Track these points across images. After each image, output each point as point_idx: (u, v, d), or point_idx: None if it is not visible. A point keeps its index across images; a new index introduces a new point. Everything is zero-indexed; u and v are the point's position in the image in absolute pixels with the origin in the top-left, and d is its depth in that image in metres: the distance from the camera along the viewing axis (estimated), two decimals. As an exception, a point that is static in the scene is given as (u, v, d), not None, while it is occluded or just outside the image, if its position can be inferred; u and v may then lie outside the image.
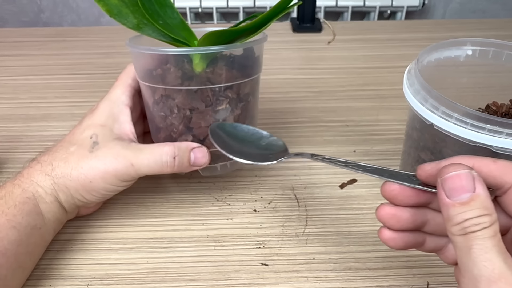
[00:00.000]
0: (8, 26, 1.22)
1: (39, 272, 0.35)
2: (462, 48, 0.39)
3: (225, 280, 0.35)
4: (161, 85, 0.36)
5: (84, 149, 0.35)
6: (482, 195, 0.22)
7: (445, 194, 0.23)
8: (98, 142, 0.35)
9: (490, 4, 1.22)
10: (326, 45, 0.71)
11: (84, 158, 0.35)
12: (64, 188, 0.35)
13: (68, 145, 0.36)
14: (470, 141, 0.30)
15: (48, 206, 0.34)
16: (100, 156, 0.35)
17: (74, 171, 0.34)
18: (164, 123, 0.38)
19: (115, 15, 0.36)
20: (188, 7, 1.12)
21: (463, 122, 0.30)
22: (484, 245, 0.21)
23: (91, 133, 0.36)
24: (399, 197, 0.27)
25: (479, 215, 0.22)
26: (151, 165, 0.35)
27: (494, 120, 0.29)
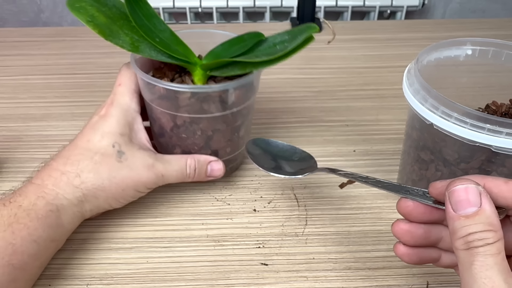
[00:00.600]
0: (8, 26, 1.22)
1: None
2: (462, 48, 0.39)
3: (225, 280, 0.35)
4: (186, 113, 0.37)
5: (111, 158, 0.35)
6: (488, 210, 0.22)
7: (451, 207, 0.23)
8: (124, 152, 0.36)
9: (490, 4, 1.22)
10: (326, 45, 0.71)
11: (114, 168, 0.35)
12: (93, 198, 0.35)
13: (91, 154, 0.35)
14: (470, 141, 0.30)
15: (70, 217, 0.34)
16: (132, 166, 0.36)
17: (106, 182, 0.35)
18: (185, 143, 0.40)
19: (109, 36, 0.36)
20: (188, 7, 1.12)
21: (463, 121, 0.30)
22: (485, 262, 0.21)
23: (112, 142, 0.36)
24: (413, 214, 0.27)
25: (483, 230, 0.22)
26: (178, 176, 0.38)
27: (494, 120, 0.29)
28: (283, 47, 0.37)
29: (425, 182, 0.37)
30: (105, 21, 0.37)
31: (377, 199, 0.42)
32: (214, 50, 0.41)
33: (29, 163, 0.46)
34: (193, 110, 0.37)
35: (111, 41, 0.36)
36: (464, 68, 0.40)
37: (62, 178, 0.34)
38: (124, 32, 0.38)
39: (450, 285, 0.34)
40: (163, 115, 0.38)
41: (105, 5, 0.38)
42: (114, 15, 0.38)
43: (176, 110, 0.37)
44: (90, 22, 0.36)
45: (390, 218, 0.40)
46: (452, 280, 0.35)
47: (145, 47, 0.38)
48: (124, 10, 0.37)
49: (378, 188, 0.29)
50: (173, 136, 0.40)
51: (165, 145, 0.41)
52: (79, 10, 0.36)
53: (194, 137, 0.39)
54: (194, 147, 0.40)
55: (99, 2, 0.38)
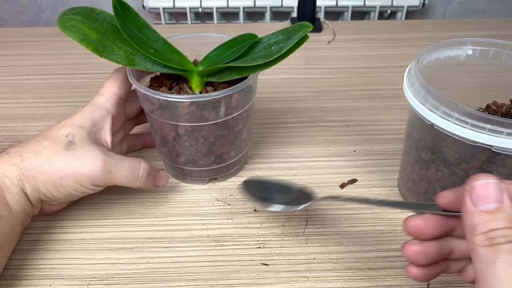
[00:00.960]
0: (8, 26, 1.22)
1: (39, 272, 0.35)
2: (462, 48, 0.39)
3: (225, 280, 0.35)
4: (187, 122, 0.37)
5: (59, 145, 0.35)
6: (510, 207, 0.22)
7: (472, 201, 0.22)
8: (75, 142, 0.35)
9: (490, 4, 1.22)
10: (326, 45, 0.71)
11: (58, 154, 0.35)
12: (32, 180, 0.34)
13: (42, 140, 0.36)
14: (471, 141, 0.30)
15: (14, 197, 0.34)
16: (77, 156, 0.35)
17: (46, 165, 0.34)
18: (188, 151, 0.40)
19: (102, 53, 0.36)
20: (188, 7, 1.12)
21: (464, 122, 0.30)
22: (510, 260, 0.20)
23: (68, 132, 0.36)
24: (424, 231, 0.26)
25: (506, 227, 0.21)
26: (127, 176, 0.37)
27: (495, 120, 0.29)
28: (278, 48, 0.37)
29: (426, 182, 0.37)
30: (98, 38, 0.37)
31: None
32: (209, 55, 0.41)
33: (29, 163, 0.46)
34: (194, 119, 0.37)
35: (105, 58, 0.36)
36: (465, 68, 0.40)
37: (4, 157, 0.35)
38: (118, 46, 0.38)
39: (450, 285, 0.34)
40: (164, 125, 0.38)
41: (95, 21, 0.38)
42: (106, 29, 0.38)
43: (177, 119, 0.37)
44: (83, 40, 0.36)
45: (391, 218, 0.40)
46: (453, 280, 0.35)
47: (140, 60, 0.38)
48: (116, 24, 0.37)
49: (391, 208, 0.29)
50: (176, 145, 0.40)
51: (168, 154, 0.42)
52: (70, 29, 0.37)
53: (197, 144, 0.39)
54: (198, 154, 0.40)
55: (89, 18, 0.38)
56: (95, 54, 0.36)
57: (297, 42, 0.36)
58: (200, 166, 0.41)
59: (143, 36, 0.38)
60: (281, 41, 0.38)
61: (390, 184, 0.43)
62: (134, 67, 0.37)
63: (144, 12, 1.19)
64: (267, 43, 0.39)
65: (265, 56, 0.37)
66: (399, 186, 0.43)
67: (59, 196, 0.36)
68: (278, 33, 0.39)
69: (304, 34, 0.36)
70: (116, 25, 0.37)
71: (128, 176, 0.37)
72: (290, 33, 0.38)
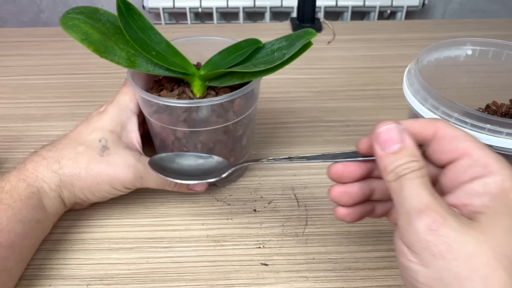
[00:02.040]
0: (8, 26, 1.22)
1: (39, 272, 0.35)
2: (462, 48, 0.39)
3: (225, 280, 0.35)
4: (186, 127, 0.37)
5: (94, 151, 0.36)
6: (410, 144, 0.25)
7: (380, 147, 0.26)
8: (108, 148, 0.36)
9: (490, 4, 1.22)
10: (326, 45, 0.71)
11: (94, 161, 0.36)
12: (70, 186, 0.36)
13: (76, 145, 0.37)
14: None
15: (51, 201, 0.35)
16: (112, 162, 0.36)
17: (83, 172, 0.35)
18: None
19: (104, 53, 0.36)
20: (188, 7, 1.12)
21: (463, 122, 0.30)
22: (413, 183, 0.24)
23: (100, 137, 0.37)
24: (345, 174, 0.29)
25: (408, 161, 0.24)
26: (157, 182, 0.38)
27: (494, 120, 0.29)
28: (281, 54, 0.37)
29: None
30: (100, 38, 0.36)
31: (377, 199, 0.42)
32: (212, 59, 0.41)
33: (29, 163, 0.46)
34: (192, 124, 0.36)
35: (106, 58, 0.36)
36: (464, 68, 0.40)
37: (42, 163, 0.35)
38: (120, 47, 0.37)
39: (450, 285, 0.34)
40: (163, 129, 0.38)
41: (98, 21, 0.38)
42: (109, 30, 0.38)
43: (175, 124, 0.37)
44: (84, 40, 0.36)
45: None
46: (452, 280, 0.34)
47: (141, 61, 0.38)
48: (119, 24, 0.37)
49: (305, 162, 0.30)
50: (174, 149, 0.39)
51: None
52: (72, 28, 0.36)
53: (196, 149, 0.39)
54: None
55: (92, 18, 0.37)
56: (96, 55, 0.36)
57: (300, 48, 0.35)
58: None
59: (146, 37, 0.38)
60: (285, 47, 0.38)
61: (390, 184, 0.43)
62: (135, 69, 0.37)
63: (144, 12, 1.19)
64: (270, 49, 0.39)
65: (267, 62, 0.36)
66: (399, 186, 0.43)
67: (94, 199, 0.37)
68: (282, 39, 0.39)
69: (307, 41, 0.35)
70: (120, 26, 0.37)
71: (158, 182, 0.38)
72: (293, 39, 0.38)
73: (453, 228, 0.22)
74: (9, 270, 0.31)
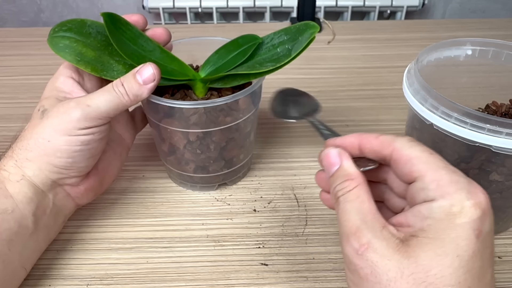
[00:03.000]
0: (8, 26, 1.22)
1: (39, 272, 0.35)
2: (462, 48, 0.39)
3: (225, 280, 0.35)
4: (198, 128, 0.36)
5: (35, 120, 0.34)
6: (345, 165, 0.26)
7: (326, 171, 0.27)
8: (47, 109, 0.34)
9: (490, 4, 1.22)
10: (326, 45, 0.71)
11: (36, 125, 0.33)
12: (27, 162, 0.33)
13: (26, 133, 0.34)
14: (470, 141, 0.30)
15: (16, 186, 0.32)
16: (52, 115, 0.33)
17: (31, 141, 0.33)
18: (199, 158, 0.39)
19: (102, 72, 0.35)
20: (188, 7, 1.12)
21: (463, 122, 0.30)
22: (345, 207, 0.25)
23: (38, 107, 0.35)
24: None
25: (342, 182, 0.26)
26: (109, 100, 0.33)
27: (494, 120, 0.29)
28: (285, 51, 0.36)
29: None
30: (94, 55, 0.35)
31: (377, 199, 0.42)
32: (210, 59, 0.40)
33: (29, 163, 0.46)
34: (205, 125, 0.36)
35: (106, 76, 0.35)
36: (464, 68, 0.40)
37: (6, 155, 0.34)
38: (115, 59, 0.36)
39: (450, 285, 0.34)
40: (174, 134, 0.37)
41: (89, 36, 0.36)
42: (101, 43, 0.36)
43: (187, 126, 0.36)
44: (80, 62, 0.34)
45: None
46: (452, 280, 0.34)
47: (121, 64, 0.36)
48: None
49: None
50: (185, 153, 0.39)
51: (176, 162, 0.41)
52: (64, 50, 0.34)
53: (209, 150, 0.38)
54: (209, 160, 0.39)
55: (82, 34, 0.35)
56: (94, 74, 0.35)
57: (306, 44, 0.35)
58: (210, 172, 0.41)
59: (139, 48, 0.36)
60: (286, 42, 0.37)
61: (390, 184, 0.43)
62: None
63: (144, 12, 1.19)
64: (271, 44, 0.38)
65: (272, 60, 0.36)
66: (399, 186, 0.43)
67: (61, 163, 0.33)
68: (280, 32, 0.38)
69: (312, 36, 0.35)
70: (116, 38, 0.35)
71: (108, 99, 0.33)
72: (294, 33, 0.37)
73: (377, 253, 0.22)
74: None
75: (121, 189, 0.43)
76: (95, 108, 0.33)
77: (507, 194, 0.34)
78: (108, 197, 0.42)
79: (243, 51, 0.38)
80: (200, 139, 0.37)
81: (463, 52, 0.39)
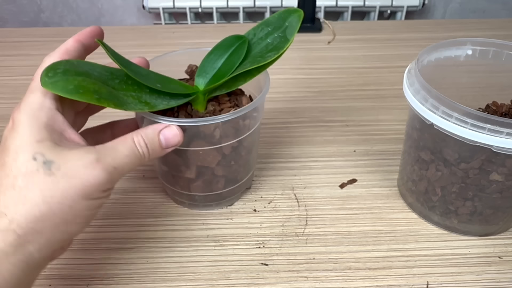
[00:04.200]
0: (8, 26, 1.22)
1: (39, 272, 0.35)
2: (462, 48, 0.39)
3: (225, 280, 0.35)
4: (233, 139, 0.35)
5: (37, 175, 0.27)
6: None
7: None
8: (52, 160, 0.27)
9: (490, 4, 1.22)
10: (326, 45, 0.71)
11: (46, 185, 0.26)
12: (36, 235, 0.26)
13: (11, 180, 0.27)
14: (470, 141, 0.30)
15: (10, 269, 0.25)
16: (70, 173, 0.27)
17: (43, 207, 0.26)
18: (231, 170, 0.38)
19: (122, 106, 0.30)
20: (188, 7, 1.12)
21: (463, 121, 0.30)
22: None
23: (31, 154, 0.27)
24: None
25: None
26: (132, 162, 0.30)
27: (494, 120, 0.29)
28: (276, 38, 0.36)
29: (425, 182, 0.37)
30: (107, 91, 0.30)
31: (377, 199, 0.42)
32: (202, 70, 0.37)
33: (29, 163, 0.46)
34: (239, 133, 0.35)
35: (127, 109, 0.30)
36: (465, 68, 0.40)
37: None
38: (122, 93, 0.32)
39: (450, 285, 0.34)
40: (207, 154, 0.35)
41: (89, 74, 0.31)
42: (103, 79, 0.31)
43: (220, 141, 0.34)
44: (100, 99, 0.29)
45: (390, 218, 0.40)
46: (453, 280, 0.35)
47: (152, 99, 0.33)
48: (104, 71, 0.32)
49: None
50: (219, 170, 0.37)
51: (206, 184, 0.38)
52: (78, 91, 0.28)
53: (241, 158, 0.37)
54: (240, 168, 0.38)
55: (82, 73, 0.30)
56: (117, 109, 0.30)
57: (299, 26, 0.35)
58: (239, 180, 0.40)
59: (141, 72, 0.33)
60: (273, 32, 0.36)
61: (390, 184, 0.43)
62: (156, 108, 0.32)
63: (144, 12, 1.19)
64: (258, 38, 0.37)
65: (269, 50, 0.35)
66: (399, 186, 0.43)
67: (78, 228, 0.29)
68: (261, 26, 0.37)
69: (300, 18, 0.35)
70: (107, 72, 0.32)
71: (132, 161, 0.30)
72: (277, 21, 0.36)
73: None
74: None
75: (121, 189, 0.43)
76: (120, 170, 0.29)
77: (507, 194, 0.34)
78: (108, 197, 0.42)
79: (236, 52, 0.37)
80: (234, 149, 0.36)
81: (464, 52, 0.39)
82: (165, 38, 0.73)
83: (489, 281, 0.35)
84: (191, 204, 0.41)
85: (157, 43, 0.71)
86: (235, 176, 0.39)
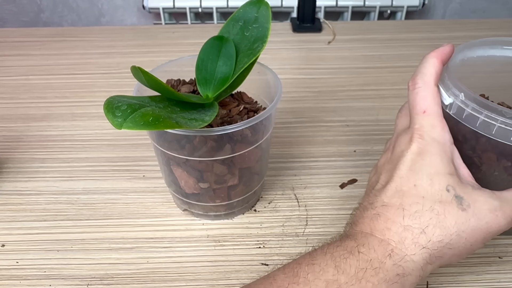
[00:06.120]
0: (8, 26, 1.22)
1: (39, 272, 0.35)
2: (504, 48, 0.38)
3: (225, 280, 0.35)
4: (267, 134, 0.37)
5: (451, 206, 0.29)
6: None
7: None
8: (462, 197, 0.30)
9: (490, 4, 1.22)
10: (326, 45, 0.71)
11: (460, 219, 0.29)
12: (438, 258, 0.29)
13: (428, 203, 0.30)
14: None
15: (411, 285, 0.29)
16: (478, 214, 0.29)
17: (454, 237, 0.29)
18: (264, 163, 0.39)
19: (187, 126, 0.30)
20: (188, 7, 1.12)
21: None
22: None
23: (445, 185, 0.30)
24: None
25: None
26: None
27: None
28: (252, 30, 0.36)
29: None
30: (167, 115, 0.30)
31: (377, 199, 0.42)
32: (200, 78, 0.36)
33: (29, 163, 0.46)
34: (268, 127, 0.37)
35: (189, 127, 0.30)
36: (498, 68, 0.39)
37: (405, 235, 0.29)
38: (176, 116, 0.31)
39: (450, 285, 0.34)
40: (252, 154, 0.36)
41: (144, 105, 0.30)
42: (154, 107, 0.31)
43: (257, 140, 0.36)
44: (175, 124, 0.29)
45: (391, 218, 0.40)
46: (453, 281, 0.35)
47: (192, 115, 0.32)
48: (140, 101, 0.31)
49: None
50: (257, 167, 0.38)
51: (245, 185, 0.38)
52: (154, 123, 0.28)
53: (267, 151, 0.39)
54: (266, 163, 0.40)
55: (142, 105, 0.30)
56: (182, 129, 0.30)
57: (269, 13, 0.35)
58: (264, 173, 0.40)
59: None
60: (247, 25, 0.37)
61: (390, 184, 0.43)
62: (206, 122, 0.31)
63: (144, 12, 1.19)
64: (235, 34, 0.37)
65: (255, 41, 0.35)
66: (399, 186, 0.42)
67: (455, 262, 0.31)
68: (231, 22, 0.37)
69: (266, 5, 0.36)
70: (138, 100, 0.31)
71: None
72: (245, 14, 0.37)
73: None
74: None
75: (121, 189, 0.43)
76: None
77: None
78: (109, 197, 0.42)
79: (226, 53, 0.37)
80: (266, 142, 0.38)
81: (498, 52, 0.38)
82: (165, 38, 0.73)
83: (489, 281, 0.35)
84: (228, 214, 0.40)
85: (157, 43, 0.71)
86: (264, 170, 0.40)
